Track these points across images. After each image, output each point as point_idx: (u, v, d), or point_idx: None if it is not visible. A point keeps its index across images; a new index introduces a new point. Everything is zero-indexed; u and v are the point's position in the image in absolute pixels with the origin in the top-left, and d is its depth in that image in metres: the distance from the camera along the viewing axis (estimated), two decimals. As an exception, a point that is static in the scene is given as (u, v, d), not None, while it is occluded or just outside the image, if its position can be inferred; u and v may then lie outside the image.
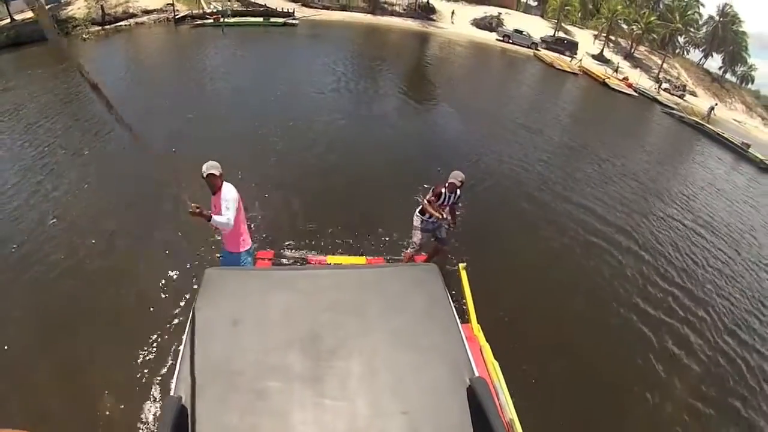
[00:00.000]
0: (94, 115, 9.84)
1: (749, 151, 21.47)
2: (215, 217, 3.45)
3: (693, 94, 37.68)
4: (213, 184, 3.61)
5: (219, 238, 4.40)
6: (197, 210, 3.28)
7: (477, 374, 2.15)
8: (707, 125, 24.59)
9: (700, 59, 47.81)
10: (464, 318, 4.06)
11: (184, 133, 9.42)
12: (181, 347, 2.21)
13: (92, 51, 18.32)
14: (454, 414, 1.99)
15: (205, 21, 25.11)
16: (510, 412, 2.92)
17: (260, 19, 27.00)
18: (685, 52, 50.82)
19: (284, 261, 5.38)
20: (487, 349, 3.58)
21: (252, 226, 5.71)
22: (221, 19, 24.90)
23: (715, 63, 50.58)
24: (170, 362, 3.93)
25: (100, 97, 2.05)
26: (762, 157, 20.93)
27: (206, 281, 2.54)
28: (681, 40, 46.84)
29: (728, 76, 49.42)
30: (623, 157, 14.55)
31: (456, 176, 4.67)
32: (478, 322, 4.03)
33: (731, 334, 6.59)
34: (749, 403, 5.36)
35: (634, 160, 14.77)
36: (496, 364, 3.39)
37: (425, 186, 7.62)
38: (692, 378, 5.52)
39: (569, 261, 7.33)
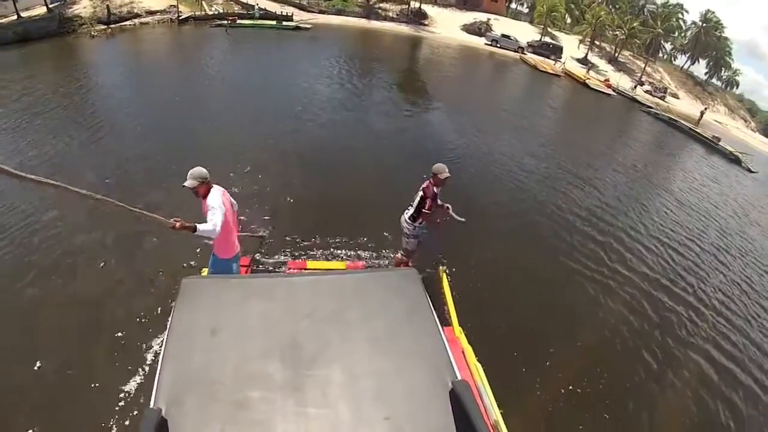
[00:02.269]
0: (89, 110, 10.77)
1: (719, 144, 22.73)
2: (200, 226, 3.10)
3: (675, 96, 39.13)
4: (195, 193, 3.41)
5: (202, 244, 4.33)
6: (177, 224, 2.97)
7: (459, 377, 2.16)
8: (680, 120, 25.89)
9: (685, 63, 49.60)
10: (446, 321, 4.09)
11: (182, 126, 9.95)
12: (160, 357, 2.19)
13: (102, 48, 19.46)
14: (437, 417, 2.01)
15: (222, 22, 26.33)
16: (495, 414, 2.96)
17: (273, 22, 28.34)
18: (673, 58, 52.81)
19: (263, 267, 5.27)
20: (469, 351, 3.56)
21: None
22: (237, 21, 26.37)
23: (702, 68, 52.73)
24: (149, 373, 3.88)
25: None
26: (731, 149, 22.21)
27: (183, 290, 2.51)
28: (668, 46, 48.78)
29: (714, 80, 51.46)
30: (600, 144, 15.95)
31: (443, 169, 4.42)
32: (459, 325, 4.02)
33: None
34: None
35: (610, 147, 16.10)
36: (479, 366, 3.39)
37: (415, 178, 7.52)
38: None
39: (551, 258, 7.19)
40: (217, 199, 3.37)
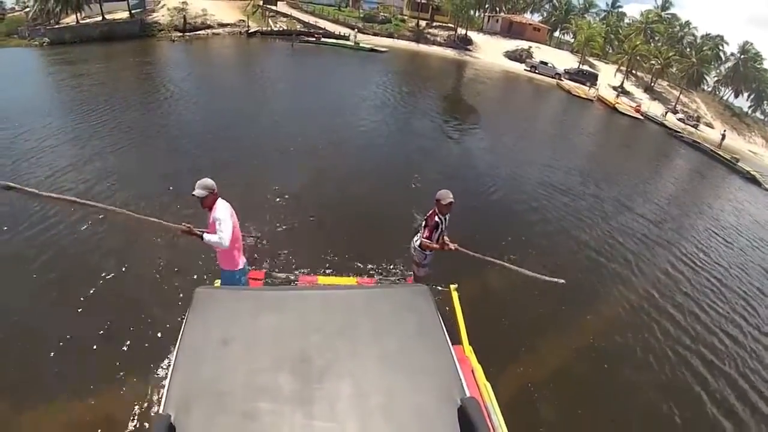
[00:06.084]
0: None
1: (738, 164, 24.71)
2: (207, 236, 3.28)
3: (709, 125, 40.46)
4: (201, 203, 3.52)
5: (213, 255, 4.32)
6: (187, 228, 3.13)
7: (468, 395, 2.16)
8: (703, 143, 27.95)
9: (725, 94, 50.72)
10: (456, 339, 4.04)
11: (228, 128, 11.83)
12: (171, 364, 2.22)
13: (182, 51, 23.73)
14: None
15: (309, 39, 31.08)
16: None
17: (351, 43, 32.77)
18: (717, 91, 53.87)
19: (274, 281, 5.34)
20: (479, 370, 3.54)
21: (245, 243, 5.51)
22: (321, 38, 31.46)
23: (746, 101, 53.45)
24: (160, 379, 3.94)
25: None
26: (748, 169, 24.16)
27: (196, 300, 2.55)
28: (710, 80, 50.03)
29: (758, 114, 52.06)
30: (622, 160, 18.49)
31: (448, 195, 4.33)
32: (469, 343, 4.01)
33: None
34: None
35: (633, 163, 18.43)
36: (488, 385, 3.37)
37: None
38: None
39: (564, 277, 7.47)
40: (226, 212, 3.50)
